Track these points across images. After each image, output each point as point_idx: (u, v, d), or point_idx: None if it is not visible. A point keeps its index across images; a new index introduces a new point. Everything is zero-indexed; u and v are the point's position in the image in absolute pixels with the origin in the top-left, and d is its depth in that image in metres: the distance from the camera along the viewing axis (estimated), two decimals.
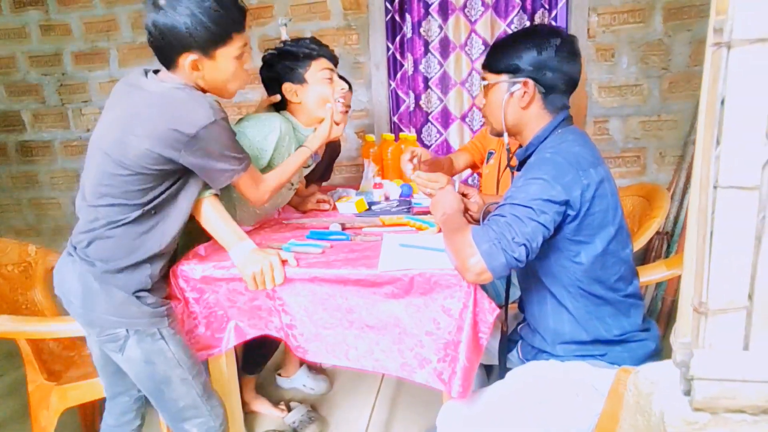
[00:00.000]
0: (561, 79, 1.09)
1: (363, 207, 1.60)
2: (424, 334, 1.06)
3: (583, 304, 1.09)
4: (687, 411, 0.42)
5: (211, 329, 1.20)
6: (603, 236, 1.05)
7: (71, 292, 1.11)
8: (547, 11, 2.31)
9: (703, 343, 0.42)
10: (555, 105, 1.12)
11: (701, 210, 0.41)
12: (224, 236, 1.18)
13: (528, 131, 1.14)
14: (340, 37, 2.46)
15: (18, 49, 2.73)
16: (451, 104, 2.53)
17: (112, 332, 1.11)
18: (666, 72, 2.24)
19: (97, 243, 1.08)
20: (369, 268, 1.09)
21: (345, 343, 1.12)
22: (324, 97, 1.43)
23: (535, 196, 0.98)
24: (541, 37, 1.08)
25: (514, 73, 1.10)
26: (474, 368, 1.04)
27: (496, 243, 0.95)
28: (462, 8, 2.40)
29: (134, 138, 1.02)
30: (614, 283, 1.09)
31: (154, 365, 1.13)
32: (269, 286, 1.12)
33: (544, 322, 1.14)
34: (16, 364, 2.19)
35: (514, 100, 1.12)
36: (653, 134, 2.32)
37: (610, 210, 1.05)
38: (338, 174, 2.64)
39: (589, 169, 1.02)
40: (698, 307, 0.41)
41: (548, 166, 1.01)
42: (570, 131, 1.11)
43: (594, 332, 1.09)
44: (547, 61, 1.07)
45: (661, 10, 2.18)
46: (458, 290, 1.04)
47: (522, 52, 1.09)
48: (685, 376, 0.42)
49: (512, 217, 0.97)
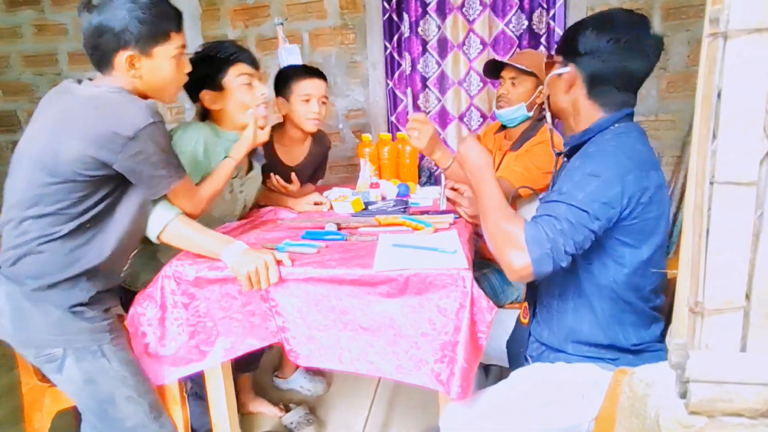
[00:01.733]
0: (613, 73, 1.01)
1: (359, 207, 1.59)
2: (420, 335, 1.04)
3: (609, 307, 1.06)
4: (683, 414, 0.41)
5: (196, 340, 1.16)
6: (651, 243, 1.02)
7: (2, 312, 1.06)
8: (545, 10, 2.31)
9: (699, 344, 0.40)
10: (606, 99, 1.04)
11: (697, 206, 0.40)
12: (210, 246, 1.14)
13: (582, 118, 1.08)
14: (337, 36, 2.45)
15: (12, 49, 2.71)
16: (449, 104, 2.52)
17: (49, 352, 1.06)
18: (664, 72, 2.23)
19: (27, 259, 1.03)
20: (364, 268, 1.07)
21: (339, 346, 1.10)
22: (243, 103, 1.39)
23: (594, 197, 0.94)
24: (606, 24, 1.00)
25: (567, 56, 1.06)
26: (473, 369, 1.02)
27: (549, 252, 0.92)
28: (460, 7, 2.39)
29: (67, 141, 0.98)
30: (647, 293, 1.07)
31: (97, 384, 1.08)
32: (264, 285, 1.09)
33: (562, 317, 1.11)
34: (9, 365, 2.17)
35: (560, 81, 1.07)
36: (651, 134, 2.30)
37: (664, 218, 1.02)
38: (334, 174, 2.63)
39: (650, 171, 0.98)
40: (694, 307, 0.40)
41: (610, 162, 0.96)
42: (633, 127, 1.04)
43: (612, 337, 1.07)
44: (601, 50, 1.00)
45: (659, 10, 2.18)
46: (454, 290, 1.02)
47: (582, 35, 1.02)
48: (680, 378, 0.41)
49: (567, 223, 0.94)
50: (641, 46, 1.00)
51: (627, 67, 1.01)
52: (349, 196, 1.67)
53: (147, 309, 1.15)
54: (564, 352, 1.11)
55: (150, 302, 1.15)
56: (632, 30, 1.00)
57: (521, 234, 0.94)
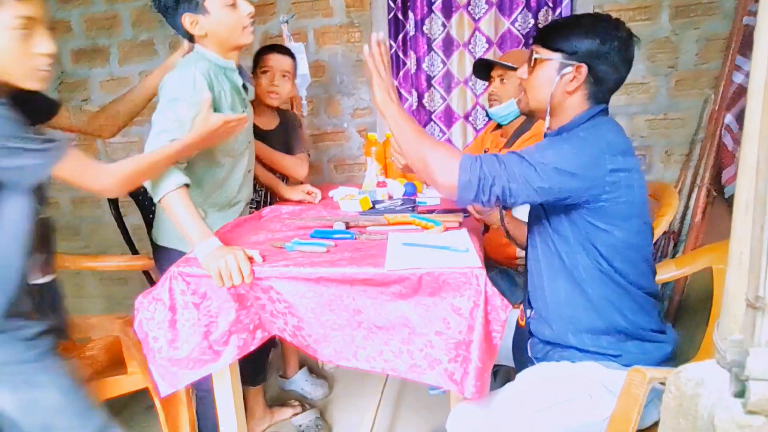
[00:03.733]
0: (612, 75, 1.05)
1: (367, 205, 1.57)
2: (434, 334, 1.03)
3: (601, 290, 1.06)
4: (739, 414, 0.39)
5: (209, 340, 1.14)
6: (625, 228, 1.02)
7: None
8: (551, 9, 2.29)
9: (759, 340, 0.39)
10: (598, 98, 1.08)
11: (758, 200, 0.38)
12: (190, 233, 1.13)
13: (563, 116, 1.10)
14: (343, 34, 2.43)
15: None
16: (454, 103, 2.50)
17: None
18: (673, 70, 2.22)
19: None
20: (375, 267, 1.06)
21: (354, 344, 1.09)
22: (231, 25, 1.29)
23: (549, 161, 0.97)
24: (608, 29, 1.04)
25: (570, 55, 1.05)
26: (488, 368, 1.01)
27: (476, 182, 0.97)
28: (465, 6, 2.38)
29: None
30: (636, 279, 1.06)
31: (33, 414, 1.01)
32: (237, 281, 1.07)
33: (558, 309, 1.11)
34: None
35: (562, 82, 1.07)
36: (660, 132, 2.29)
37: (636, 204, 1.02)
38: (339, 172, 2.61)
39: (617, 156, 1.00)
40: (754, 302, 0.38)
41: (576, 140, 1.00)
42: (605, 120, 1.08)
43: (611, 321, 1.07)
44: (606, 53, 1.03)
45: (668, 8, 2.16)
46: (468, 289, 1.01)
47: (585, 36, 1.04)
48: (738, 376, 0.39)
49: (509, 168, 0.98)
50: (631, 51, 1.06)
51: (622, 70, 1.06)
52: (356, 194, 1.65)
53: (155, 312, 1.12)
54: (568, 346, 1.10)
55: (158, 305, 1.13)
56: (624, 34, 1.05)
57: (457, 157, 1.00)
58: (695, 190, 2.16)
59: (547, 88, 1.08)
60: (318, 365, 2.18)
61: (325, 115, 2.53)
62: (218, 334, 1.14)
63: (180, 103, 1.22)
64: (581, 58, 1.04)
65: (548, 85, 1.08)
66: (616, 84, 1.08)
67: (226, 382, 1.25)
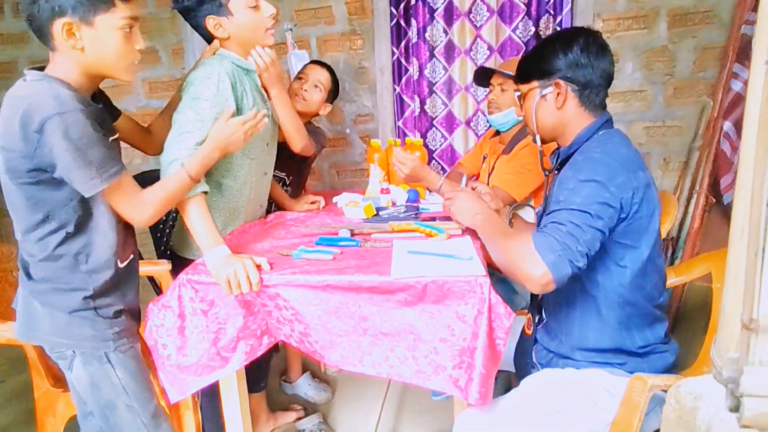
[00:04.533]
0: (594, 74, 1.08)
1: (371, 212, 1.59)
2: (439, 340, 1.05)
3: (616, 312, 1.08)
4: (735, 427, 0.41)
5: (217, 347, 1.16)
6: (647, 241, 1.05)
7: (19, 310, 1.09)
8: (551, 17, 2.32)
9: (753, 359, 0.41)
10: (593, 102, 1.11)
11: (753, 226, 0.41)
12: (201, 239, 1.16)
13: (569, 132, 1.14)
14: (345, 42, 2.46)
15: (20, 54, 2.72)
16: (455, 109, 2.53)
17: (60, 351, 1.08)
18: (670, 78, 2.25)
19: (37, 266, 1.05)
20: (381, 274, 1.08)
21: (360, 350, 1.11)
22: (254, 27, 1.32)
23: (592, 199, 0.97)
24: (565, 39, 1.09)
25: (544, 78, 1.11)
26: (492, 375, 1.03)
27: (562, 254, 0.94)
28: (467, 13, 2.41)
29: (3, 150, 0.95)
30: (651, 291, 1.09)
31: (99, 389, 1.09)
32: (245, 288, 1.09)
33: (569, 326, 1.13)
34: (19, 369, 2.18)
35: (548, 102, 1.12)
36: (657, 140, 2.33)
37: (654, 216, 1.05)
38: (342, 178, 2.64)
39: (638, 171, 1.02)
40: (748, 323, 0.41)
41: (600, 167, 1.00)
42: (615, 133, 1.11)
43: (619, 342, 1.09)
44: (575, 58, 1.07)
45: (665, 17, 2.19)
46: (472, 296, 1.03)
47: (549, 56, 1.10)
48: (734, 392, 0.42)
49: (572, 225, 0.96)
50: (600, 42, 1.09)
51: (601, 64, 1.09)
52: (360, 201, 1.68)
53: (165, 319, 1.15)
54: (572, 359, 1.13)
55: (167, 312, 1.15)
56: (582, 34, 1.09)
57: (530, 244, 0.97)
58: (693, 196, 2.18)
59: (539, 114, 1.14)
60: (321, 369, 2.20)
61: (327, 121, 2.56)
62: (226, 341, 1.16)
63: (202, 102, 1.23)
64: (556, 75, 1.10)
65: (539, 112, 1.14)
66: (604, 80, 1.10)
67: (233, 387, 1.27)
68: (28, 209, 1.01)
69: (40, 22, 0.95)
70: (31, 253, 1.04)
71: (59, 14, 0.94)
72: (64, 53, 0.98)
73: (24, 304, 1.08)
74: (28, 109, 0.92)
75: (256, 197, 1.53)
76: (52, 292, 1.05)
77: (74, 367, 1.08)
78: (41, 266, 1.04)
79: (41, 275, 1.05)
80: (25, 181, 0.98)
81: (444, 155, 2.59)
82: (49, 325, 1.06)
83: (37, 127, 0.92)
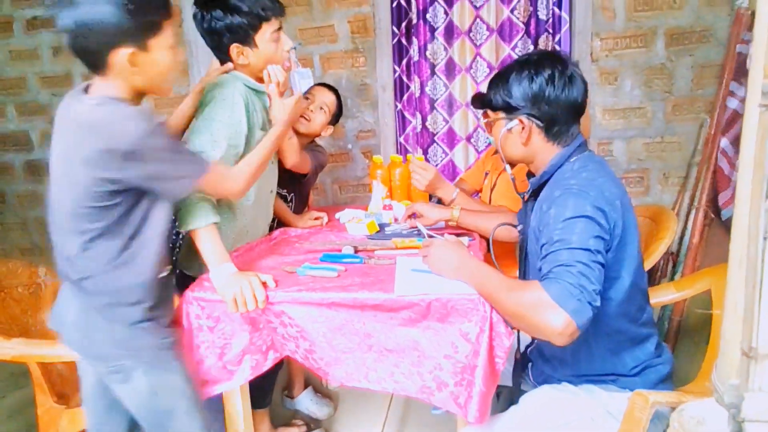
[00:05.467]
0: (560, 109, 1.05)
1: (374, 229, 1.61)
2: (443, 357, 1.06)
3: (604, 342, 1.08)
4: None
5: (223, 361, 1.18)
6: (628, 269, 1.05)
7: (73, 324, 1.08)
8: (550, 35, 2.36)
9: (753, 386, 0.43)
10: (560, 136, 1.09)
11: (750, 260, 0.43)
12: (207, 256, 1.17)
13: (539, 161, 1.13)
14: (348, 59, 2.50)
15: (30, 70, 2.76)
16: (456, 125, 2.56)
17: (117, 363, 1.08)
18: (669, 95, 2.28)
19: (92, 279, 1.05)
20: (385, 292, 1.09)
21: (365, 366, 1.12)
22: (271, 59, 1.37)
23: (587, 235, 0.93)
24: (534, 68, 1.05)
25: (508, 111, 1.10)
26: (491, 393, 1.04)
27: (581, 297, 0.87)
28: (467, 32, 2.45)
29: (76, 168, 0.98)
30: (634, 314, 1.09)
31: (159, 397, 1.10)
32: (251, 306, 1.10)
33: (561, 353, 1.13)
34: (20, 384, 2.17)
35: (513, 135, 1.12)
36: (657, 156, 2.35)
37: (634, 240, 1.05)
38: (344, 193, 2.66)
39: (615, 202, 1.01)
40: (748, 352, 0.42)
41: (582, 202, 0.97)
42: (588, 158, 1.09)
43: (611, 368, 1.10)
44: (540, 93, 1.04)
45: (663, 36, 2.23)
46: (475, 314, 1.04)
47: (514, 87, 1.07)
48: (735, 417, 0.43)
49: (580, 265, 0.90)
50: (569, 74, 1.04)
51: (568, 98, 1.04)
52: (363, 217, 1.69)
53: None
54: (567, 381, 1.14)
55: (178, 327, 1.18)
56: (551, 65, 1.04)
57: (544, 295, 0.89)
58: (693, 212, 2.20)
59: (506, 145, 1.14)
60: (323, 384, 2.20)
61: (329, 137, 2.58)
62: (232, 355, 1.18)
63: (216, 123, 1.27)
64: (520, 111, 1.07)
65: (505, 143, 1.14)
66: (571, 112, 1.06)
67: (237, 401, 1.27)
68: (90, 225, 1.01)
69: (98, 53, 0.96)
70: (89, 268, 1.04)
71: (117, 45, 0.95)
72: (116, 77, 1.00)
73: (81, 318, 1.07)
74: (116, 131, 0.94)
75: (264, 215, 1.55)
76: (114, 306, 1.06)
77: (133, 378, 1.08)
78: (101, 280, 1.05)
79: (101, 288, 1.05)
80: (99, 199, 0.99)
81: (445, 170, 2.62)
82: (111, 338, 1.07)
83: (126, 149, 0.94)
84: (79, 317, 1.07)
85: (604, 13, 2.25)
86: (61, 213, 1.04)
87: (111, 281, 1.04)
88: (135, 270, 1.05)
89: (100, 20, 0.93)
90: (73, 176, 0.99)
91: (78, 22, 0.93)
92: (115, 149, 0.94)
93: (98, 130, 0.95)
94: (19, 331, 1.50)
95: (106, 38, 0.95)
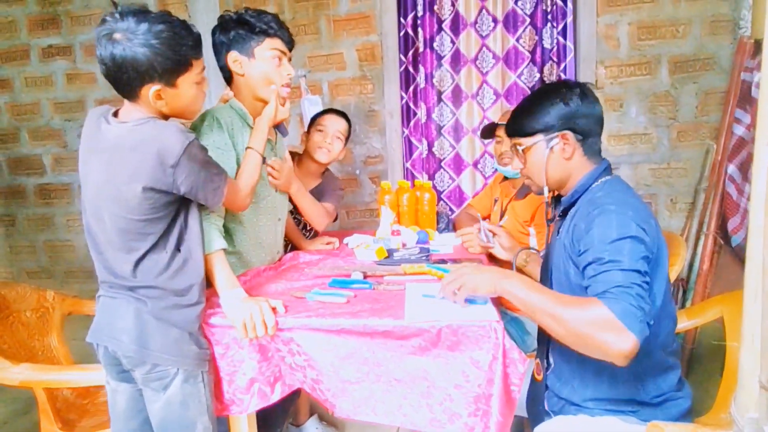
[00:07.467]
0: (594, 122, 1.13)
1: (383, 254, 1.61)
2: (453, 387, 1.04)
3: (632, 365, 1.06)
4: None
5: (233, 387, 1.17)
6: (659, 287, 1.04)
7: (123, 330, 1.10)
8: (555, 64, 2.40)
9: None
10: (593, 150, 1.15)
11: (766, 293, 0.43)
12: (218, 282, 1.18)
13: (572, 181, 1.16)
14: (356, 86, 2.55)
15: (44, 96, 2.83)
16: (463, 151, 2.59)
17: (163, 369, 1.10)
18: (674, 122, 2.30)
19: (152, 289, 1.10)
20: (395, 318, 1.08)
21: (373, 398, 1.10)
22: (268, 77, 1.38)
23: (636, 256, 0.94)
24: (562, 91, 1.13)
25: (548, 131, 1.13)
26: (509, 423, 1.02)
27: (643, 318, 0.87)
28: (473, 60, 2.50)
29: (126, 186, 1.03)
30: (664, 339, 1.08)
31: (188, 408, 1.12)
32: (260, 332, 1.10)
33: (582, 375, 1.12)
34: (24, 410, 2.15)
35: (555, 155, 1.14)
36: (663, 181, 2.36)
37: (666, 260, 1.06)
38: (352, 218, 2.67)
39: (650, 220, 1.02)
40: (766, 384, 0.42)
41: (624, 220, 0.98)
42: (617, 181, 1.13)
43: (632, 393, 1.08)
44: (576, 110, 1.11)
45: (666, 63, 2.26)
46: (487, 342, 1.03)
47: (549, 108, 1.13)
48: None
49: (636, 287, 0.91)
50: (591, 92, 1.15)
51: (598, 113, 1.14)
52: (371, 243, 1.69)
53: None
54: (585, 407, 1.11)
55: None
56: (578, 86, 1.14)
57: (610, 314, 0.87)
58: (701, 238, 2.19)
59: (549, 167, 1.16)
60: (328, 411, 2.16)
61: (337, 162, 2.61)
62: (240, 383, 1.16)
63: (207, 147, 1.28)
64: (560, 126, 1.12)
65: (546, 164, 1.16)
66: (600, 126, 1.15)
67: (243, 426, 1.25)
68: (138, 243, 1.07)
69: (130, 85, 1.05)
70: (147, 279, 1.09)
71: (148, 81, 1.04)
72: (145, 104, 1.09)
73: (137, 325, 1.10)
74: (162, 147, 1.02)
75: (273, 243, 1.56)
76: (174, 309, 1.10)
77: (172, 385, 1.10)
78: (161, 285, 1.09)
79: (160, 294, 1.09)
80: (149, 212, 1.05)
81: (452, 196, 2.63)
82: (164, 343, 1.09)
83: (174, 161, 1.02)
84: (135, 324, 1.10)
85: (608, 41, 2.30)
86: (109, 232, 1.08)
87: (170, 285, 1.10)
88: (189, 273, 1.12)
89: (134, 59, 1.01)
90: (120, 195, 1.04)
91: (115, 57, 1.02)
92: (164, 163, 1.02)
93: (144, 145, 1.03)
94: (26, 356, 1.49)
95: (137, 75, 1.03)
